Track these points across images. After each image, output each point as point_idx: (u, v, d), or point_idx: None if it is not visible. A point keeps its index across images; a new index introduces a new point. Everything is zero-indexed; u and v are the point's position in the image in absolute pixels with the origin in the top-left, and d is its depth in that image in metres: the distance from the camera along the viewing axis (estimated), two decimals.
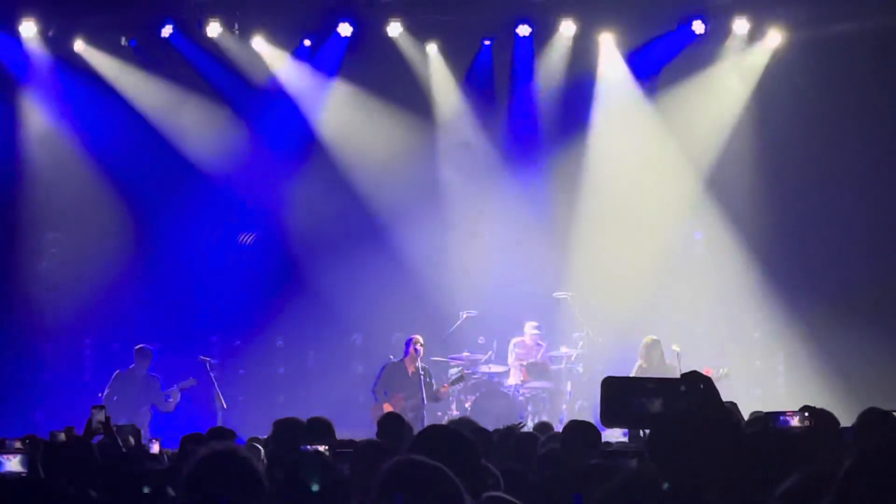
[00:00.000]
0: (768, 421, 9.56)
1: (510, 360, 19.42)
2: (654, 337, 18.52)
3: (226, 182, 20.86)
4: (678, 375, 15.98)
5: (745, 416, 10.45)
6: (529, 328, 19.44)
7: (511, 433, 10.47)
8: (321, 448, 8.28)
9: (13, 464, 7.32)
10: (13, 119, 20.48)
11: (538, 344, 19.44)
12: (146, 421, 17.74)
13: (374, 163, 20.69)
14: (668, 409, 6.70)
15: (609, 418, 7.06)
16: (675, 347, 18.60)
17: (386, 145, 20.70)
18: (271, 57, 20.60)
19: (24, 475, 7.25)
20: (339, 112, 20.91)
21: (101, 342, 20.44)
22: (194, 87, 20.63)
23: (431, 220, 20.78)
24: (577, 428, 9.50)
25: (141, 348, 18.23)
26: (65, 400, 19.66)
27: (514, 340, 19.52)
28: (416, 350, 17.91)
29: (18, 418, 19.03)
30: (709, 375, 16.75)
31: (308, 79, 20.87)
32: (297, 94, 20.93)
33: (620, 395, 6.90)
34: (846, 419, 9.44)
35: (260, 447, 10.01)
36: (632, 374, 17.98)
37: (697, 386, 6.82)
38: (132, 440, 11.92)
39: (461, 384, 18.34)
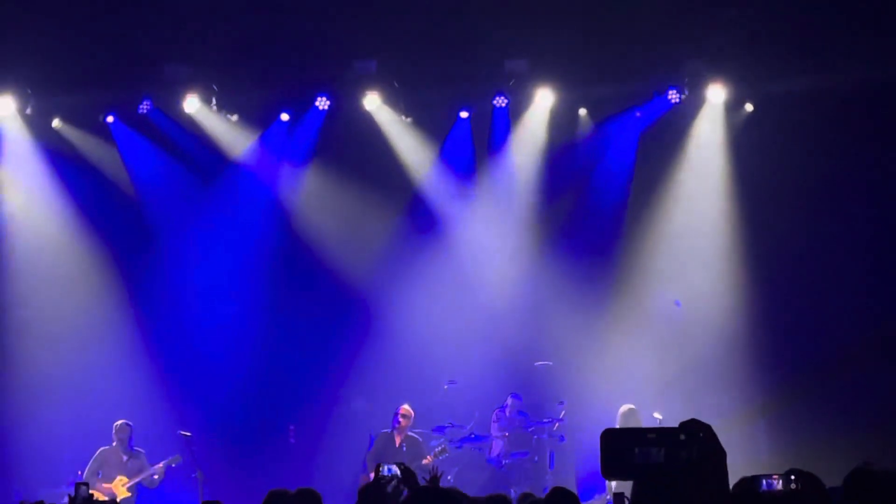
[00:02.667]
0: (754, 485, 9.54)
1: (493, 430, 19.37)
2: (631, 406, 18.59)
3: (206, 256, 20.86)
4: None
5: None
6: (511, 399, 19.44)
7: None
8: None
9: None
10: None
11: (520, 414, 19.41)
12: (133, 499, 17.62)
13: (354, 235, 20.73)
14: (670, 459, 6.69)
15: (610, 471, 7.01)
16: (657, 415, 18.64)
17: (364, 218, 20.75)
18: (249, 131, 20.68)
19: None
20: (317, 185, 20.96)
21: (78, 417, 20.23)
22: (172, 161, 20.66)
23: (412, 291, 20.77)
24: (560, 496, 9.48)
25: (120, 424, 18.12)
26: (42, 473, 19.51)
27: (495, 411, 19.49)
28: (400, 419, 17.90)
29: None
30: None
31: (286, 152, 20.92)
32: (275, 167, 21.00)
33: (621, 446, 6.85)
34: (831, 480, 9.42)
35: None
36: None
37: (697, 434, 6.81)
38: None
39: (444, 456, 18.27)
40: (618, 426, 18.21)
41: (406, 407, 18.26)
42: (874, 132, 19.70)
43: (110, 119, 20.54)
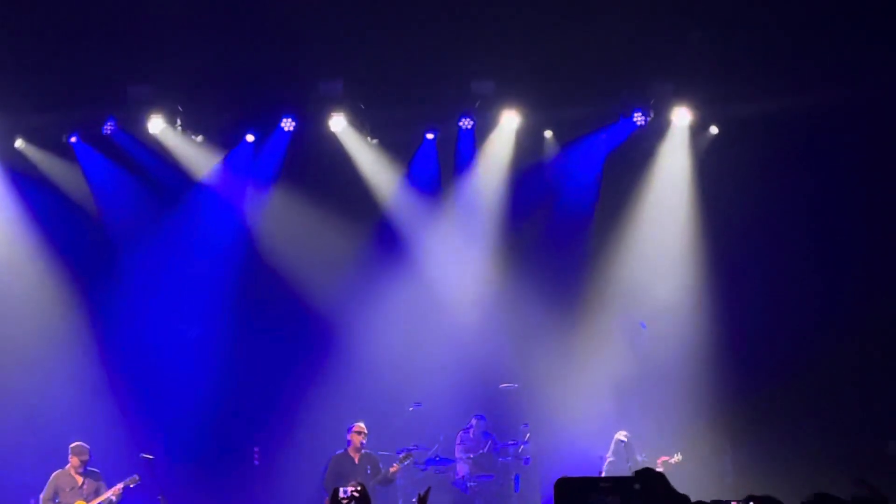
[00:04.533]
0: None
1: (457, 453, 19.35)
2: (625, 432, 18.63)
3: (170, 276, 20.81)
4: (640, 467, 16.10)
5: None
6: (475, 420, 19.43)
7: None
8: None
9: None
10: None
11: (485, 436, 19.39)
12: None
13: (320, 256, 20.68)
14: None
15: None
16: (622, 436, 18.68)
17: (330, 239, 20.71)
18: (214, 152, 20.63)
19: None
20: (282, 206, 20.91)
21: (41, 438, 20.08)
22: (136, 182, 20.60)
23: (377, 313, 20.75)
24: None
25: (76, 445, 17.97)
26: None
27: (460, 433, 19.47)
28: (355, 436, 17.87)
29: None
30: (664, 463, 16.90)
31: (251, 173, 20.87)
32: (240, 188, 20.95)
33: (575, 495, 6.84)
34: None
35: None
36: (603, 470, 18.16)
37: (652, 483, 6.79)
38: None
39: (410, 461, 18.20)
40: (611, 451, 18.32)
41: (361, 424, 18.21)
42: (838, 153, 19.79)
43: (73, 139, 20.43)
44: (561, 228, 20.98)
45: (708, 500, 11.15)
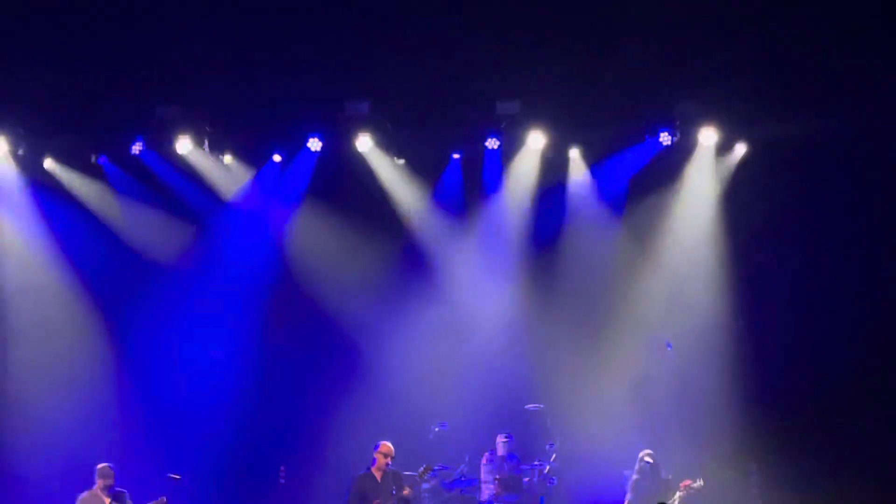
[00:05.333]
0: None
1: (483, 473, 19.32)
2: (650, 452, 18.57)
3: (197, 297, 20.86)
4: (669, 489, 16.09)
5: None
6: (500, 439, 19.41)
7: None
8: None
9: None
10: None
11: (511, 456, 19.37)
12: None
13: (346, 277, 20.74)
14: None
15: None
16: (648, 458, 18.63)
17: (356, 259, 20.75)
18: (242, 172, 20.72)
19: None
20: (309, 226, 20.98)
21: (69, 460, 20.17)
22: (165, 202, 20.71)
23: (403, 333, 20.76)
24: None
25: (102, 467, 18.00)
26: None
27: (486, 454, 19.46)
28: (380, 457, 17.85)
29: None
30: (686, 487, 16.87)
31: (277, 194, 20.95)
32: (267, 209, 21.03)
33: None
34: None
35: None
36: (629, 491, 18.12)
37: None
38: None
39: (430, 474, 18.16)
40: (637, 470, 18.30)
41: (388, 445, 18.17)
42: (867, 177, 19.70)
43: (102, 159, 20.54)
44: (586, 248, 20.94)
45: None
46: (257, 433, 20.73)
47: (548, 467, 19.27)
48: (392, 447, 18.04)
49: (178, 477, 18.01)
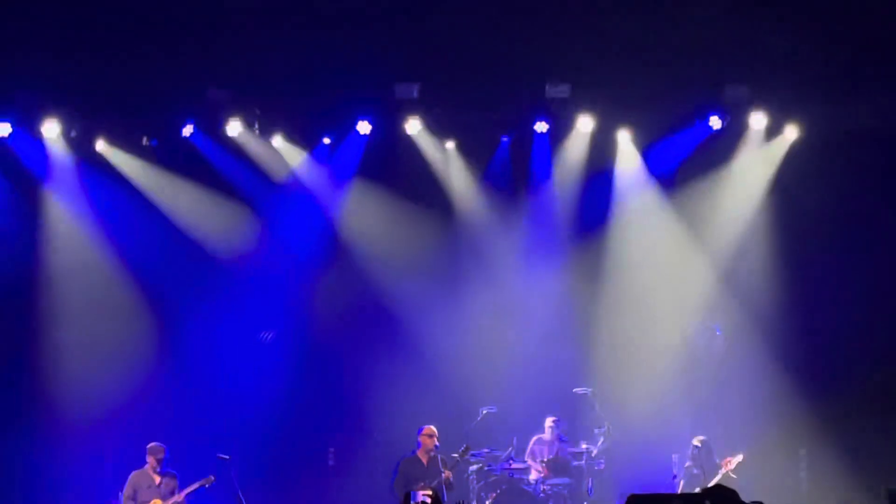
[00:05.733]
0: None
1: (527, 455, 19.34)
2: (703, 438, 18.54)
3: (247, 278, 20.94)
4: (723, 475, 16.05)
5: None
6: (548, 422, 19.42)
7: None
8: None
9: None
10: (35, 218, 20.61)
11: (559, 439, 19.38)
12: None
13: (396, 259, 20.75)
14: None
15: None
16: (697, 441, 18.64)
17: (406, 242, 20.76)
18: (291, 155, 20.77)
19: None
20: (359, 209, 21.01)
21: (120, 440, 20.35)
22: (216, 185, 20.77)
23: (452, 316, 20.78)
24: None
25: (153, 445, 18.19)
26: (84, 499, 19.68)
27: (535, 437, 19.47)
28: (425, 440, 17.91)
29: None
30: (730, 467, 16.83)
31: (328, 176, 21.00)
32: (318, 191, 21.07)
33: None
34: None
35: None
36: (681, 478, 18.12)
37: (723, 500, 6.77)
38: None
39: (470, 454, 18.23)
40: (690, 459, 18.30)
41: (432, 427, 18.26)
42: None
43: (153, 142, 20.63)
44: (635, 232, 20.92)
45: None
46: (306, 414, 20.80)
47: (595, 451, 19.26)
48: (435, 429, 18.12)
49: (227, 457, 18.17)
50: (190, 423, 20.33)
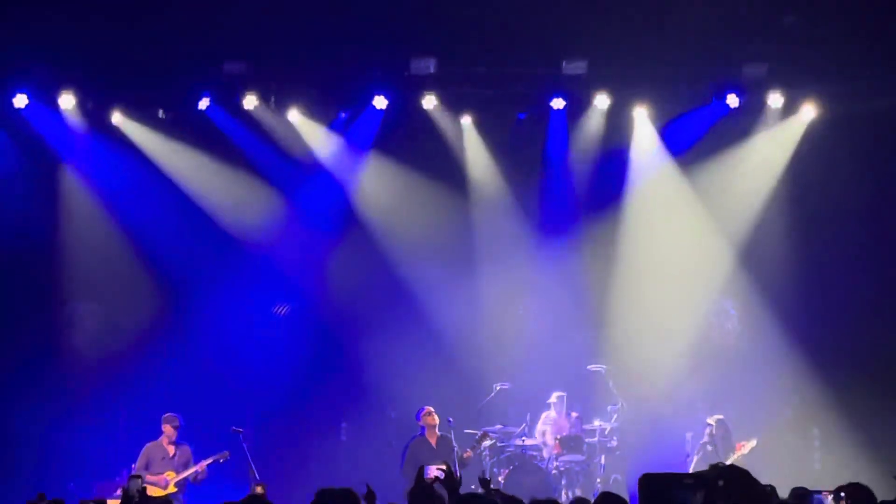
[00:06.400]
0: (806, 499, 9.51)
1: (538, 430, 19.34)
2: (720, 416, 18.55)
3: (261, 252, 20.94)
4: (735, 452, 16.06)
5: (782, 495, 10.37)
6: (554, 397, 19.40)
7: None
8: None
9: None
10: (50, 190, 20.63)
11: (569, 415, 19.37)
12: (181, 492, 17.76)
13: (410, 234, 20.74)
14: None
15: None
16: (712, 420, 18.66)
17: (421, 217, 20.74)
18: (307, 129, 20.74)
19: None
20: (374, 184, 21.00)
21: (135, 412, 20.42)
22: (231, 158, 20.76)
23: (466, 291, 20.78)
24: (609, 501, 9.40)
25: (168, 416, 18.26)
26: (98, 470, 19.79)
27: (544, 413, 19.46)
28: (427, 419, 17.94)
29: (51, 485, 19.18)
30: (741, 449, 16.80)
31: (344, 151, 20.99)
32: (333, 166, 21.06)
33: (659, 492, 6.84)
34: (883, 493, 9.36)
35: None
36: (695, 454, 18.13)
37: (736, 480, 6.75)
38: None
39: (487, 441, 18.28)
40: (707, 433, 18.33)
41: (428, 407, 18.29)
42: None
43: (168, 114, 20.63)
44: (650, 210, 20.88)
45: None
46: (319, 389, 20.84)
47: (608, 428, 19.27)
48: (432, 408, 18.15)
49: (240, 431, 18.23)
50: (203, 397, 20.36)
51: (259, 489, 15.46)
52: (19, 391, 20.22)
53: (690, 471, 18.48)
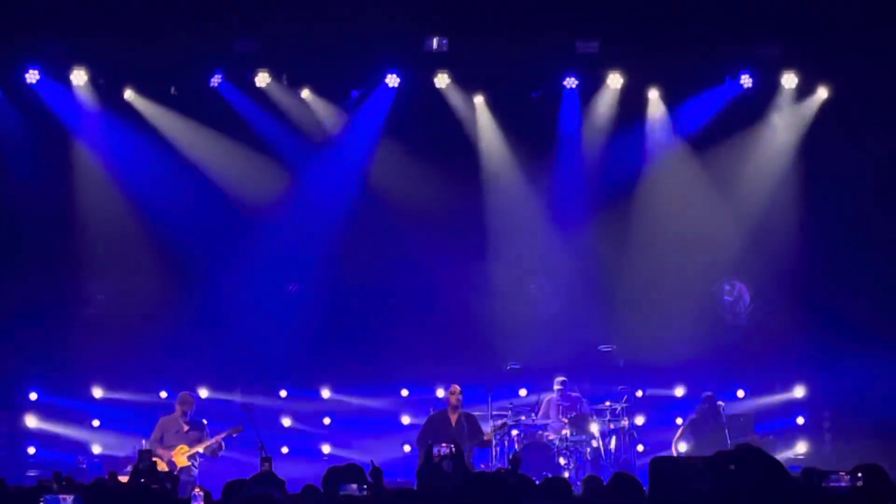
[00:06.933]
0: (819, 480, 9.46)
1: (552, 413, 19.34)
2: (709, 393, 18.56)
3: (273, 230, 20.90)
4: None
5: None
6: (556, 383, 19.39)
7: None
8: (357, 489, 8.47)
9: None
10: (62, 165, 20.62)
11: (571, 395, 19.35)
12: (192, 468, 17.79)
13: (422, 213, 20.66)
14: (719, 488, 6.62)
15: (659, 500, 6.97)
16: (721, 403, 18.70)
17: (433, 196, 20.66)
18: (319, 107, 20.71)
19: None
20: (386, 162, 20.93)
21: (146, 389, 20.48)
22: (243, 136, 20.71)
23: (477, 270, 20.74)
24: (623, 482, 9.41)
25: (183, 395, 18.34)
26: (111, 444, 19.93)
27: (552, 396, 19.44)
28: (450, 397, 17.93)
29: (64, 459, 19.32)
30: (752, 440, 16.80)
31: (356, 129, 20.94)
32: (345, 143, 21.01)
33: (670, 475, 6.83)
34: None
35: None
36: (681, 428, 18.20)
37: (748, 462, 6.70)
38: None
39: (504, 430, 18.30)
40: (697, 410, 18.56)
41: (454, 385, 18.27)
42: None
43: (180, 91, 20.58)
44: (663, 190, 20.84)
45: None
46: (330, 368, 20.86)
47: (619, 408, 19.26)
48: (458, 387, 18.11)
49: (251, 407, 18.30)
50: (214, 373, 20.43)
51: (266, 465, 15.50)
52: (32, 366, 20.33)
53: (676, 440, 18.65)
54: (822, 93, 20.08)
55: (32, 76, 19.88)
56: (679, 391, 20.36)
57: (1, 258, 20.40)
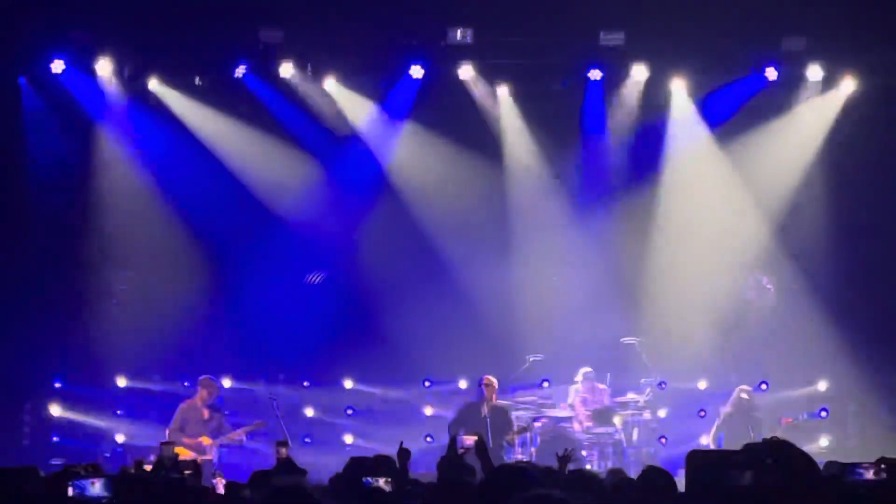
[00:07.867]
0: (843, 472, 9.44)
1: (575, 405, 19.32)
2: (747, 388, 18.52)
3: (296, 220, 20.90)
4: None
5: None
6: (581, 375, 19.36)
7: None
8: (384, 483, 8.45)
9: (96, 488, 7.73)
10: (87, 156, 20.65)
11: (597, 388, 19.33)
12: (212, 460, 17.81)
13: (445, 205, 20.65)
14: (758, 482, 6.58)
15: (695, 494, 6.93)
16: (744, 393, 18.63)
17: (456, 187, 20.65)
18: (343, 98, 20.69)
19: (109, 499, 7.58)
20: (410, 153, 20.94)
21: (169, 378, 20.52)
22: (267, 126, 20.72)
23: (500, 262, 20.70)
24: (655, 475, 9.35)
25: (205, 379, 18.31)
26: (133, 432, 19.96)
27: (572, 389, 19.42)
28: (484, 388, 17.87)
29: (87, 448, 19.38)
30: (787, 425, 16.83)
31: (380, 120, 20.94)
32: (369, 135, 21.01)
33: (706, 469, 6.79)
34: None
35: None
36: (718, 422, 18.15)
37: (784, 456, 6.66)
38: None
39: (526, 434, 18.26)
40: (730, 403, 18.43)
41: (489, 377, 18.20)
42: None
43: (204, 81, 20.60)
44: (686, 182, 20.78)
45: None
46: (353, 358, 20.85)
47: (642, 401, 19.25)
48: (494, 379, 18.06)
49: (275, 398, 18.34)
50: (237, 363, 20.46)
51: (283, 450, 15.55)
52: (57, 356, 20.39)
53: (711, 436, 18.59)
54: (848, 85, 19.99)
55: (58, 66, 19.91)
56: (702, 384, 20.29)
57: (26, 248, 20.42)
